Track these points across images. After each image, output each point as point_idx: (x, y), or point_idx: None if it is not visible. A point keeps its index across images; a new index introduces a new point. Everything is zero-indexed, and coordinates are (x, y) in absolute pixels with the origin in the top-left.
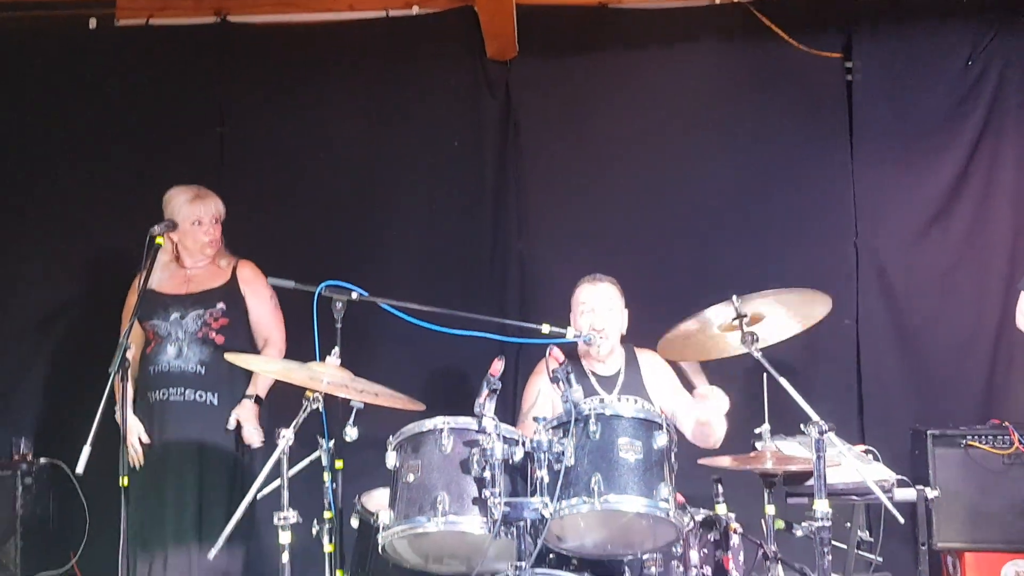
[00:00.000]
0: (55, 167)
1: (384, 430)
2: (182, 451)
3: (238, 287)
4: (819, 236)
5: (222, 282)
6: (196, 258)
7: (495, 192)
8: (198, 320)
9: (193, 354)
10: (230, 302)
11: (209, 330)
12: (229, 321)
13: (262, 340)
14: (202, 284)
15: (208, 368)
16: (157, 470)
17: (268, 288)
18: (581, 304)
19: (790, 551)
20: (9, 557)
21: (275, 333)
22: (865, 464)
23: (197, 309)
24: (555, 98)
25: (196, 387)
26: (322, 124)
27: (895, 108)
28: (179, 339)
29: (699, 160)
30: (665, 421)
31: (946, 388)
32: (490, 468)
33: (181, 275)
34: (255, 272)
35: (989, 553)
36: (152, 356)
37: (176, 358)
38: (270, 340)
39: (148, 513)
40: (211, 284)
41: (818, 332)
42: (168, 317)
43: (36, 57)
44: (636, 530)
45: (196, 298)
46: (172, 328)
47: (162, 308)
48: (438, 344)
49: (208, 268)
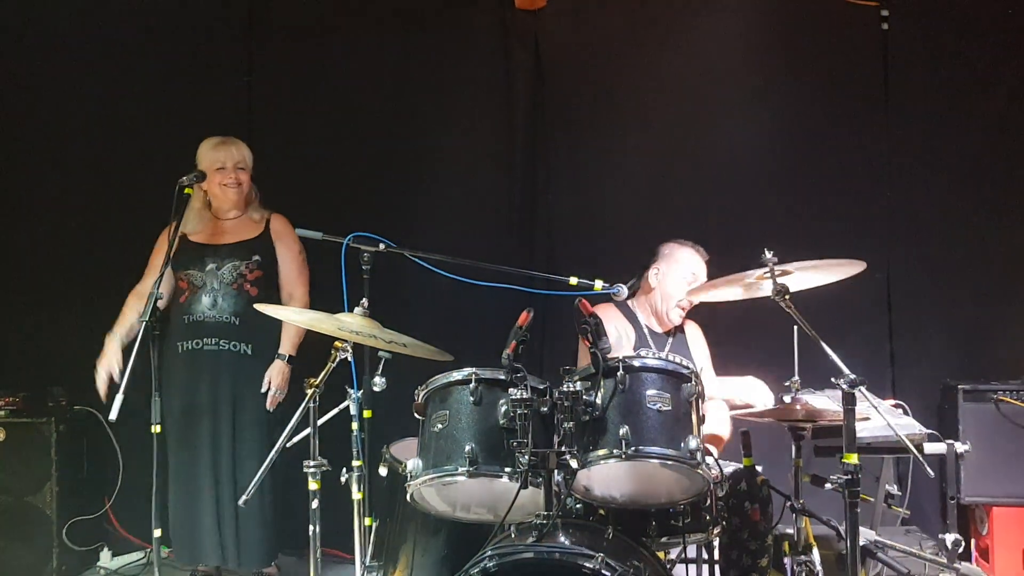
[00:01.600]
0: (84, 119)
1: (412, 380)
2: (217, 400)
3: (271, 240)
4: (852, 187)
5: (256, 234)
6: (225, 207)
7: (524, 144)
8: (234, 271)
9: (228, 305)
10: (264, 254)
11: (244, 281)
12: (263, 273)
13: (287, 295)
14: (237, 235)
15: (242, 319)
16: (192, 418)
17: (298, 243)
18: (690, 272)
19: (818, 504)
20: (45, 502)
21: (299, 289)
22: (895, 418)
23: (233, 260)
24: (584, 48)
25: (231, 338)
26: (349, 75)
27: (931, 58)
28: (214, 289)
29: (731, 110)
30: (694, 373)
31: (979, 343)
32: (518, 418)
33: (216, 225)
34: (286, 226)
35: (1017, 508)
36: (185, 306)
37: (211, 308)
38: (294, 295)
39: (183, 461)
40: (246, 235)
41: (849, 285)
42: (204, 267)
43: (64, 7)
44: (663, 481)
45: (232, 248)
46: (208, 278)
47: (198, 258)
48: (466, 295)
49: (242, 220)
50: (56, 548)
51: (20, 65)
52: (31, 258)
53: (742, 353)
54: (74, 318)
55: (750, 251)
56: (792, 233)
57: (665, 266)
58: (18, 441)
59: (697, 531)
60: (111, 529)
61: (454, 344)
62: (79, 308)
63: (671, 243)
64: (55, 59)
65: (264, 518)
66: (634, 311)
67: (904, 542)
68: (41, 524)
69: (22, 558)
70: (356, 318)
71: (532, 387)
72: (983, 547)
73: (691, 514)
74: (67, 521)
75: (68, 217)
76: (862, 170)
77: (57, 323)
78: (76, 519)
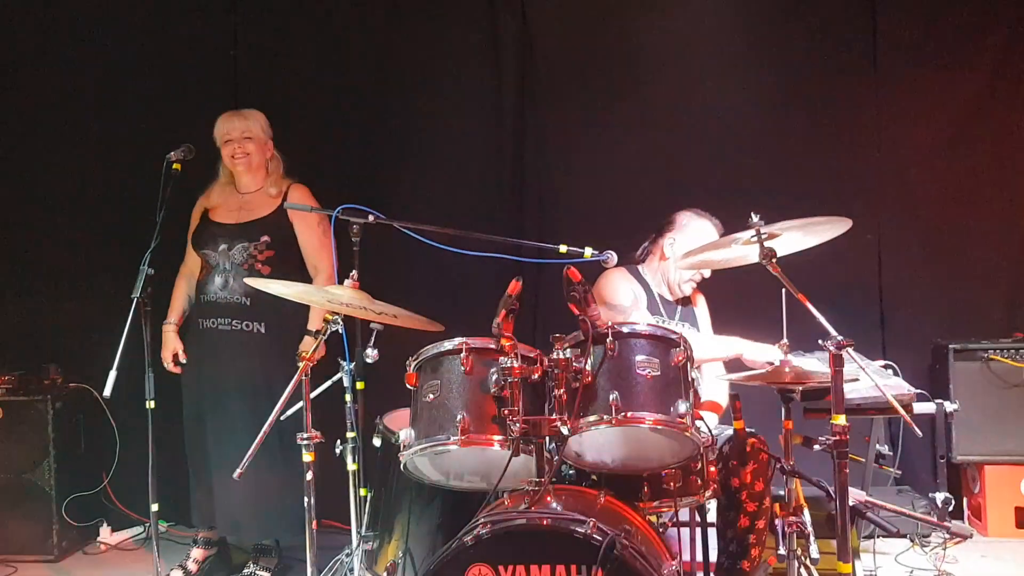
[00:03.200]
0: (73, 95)
1: (404, 351)
2: (231, 378)
3: (286, 214)
4: (842, 149)
5: (270, 211)
6: (244, 180)
7: (513, 113)
8: (243, 252)
9: (239, 285)
10: (276, 231)
11: (255, 262)
12: (275, 252)
13: (311, 268)
14: (252, 212)
15: (253, 299)
16: (207, 396)
17: (317, 215)
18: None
19: (808, 466)
20: (43, 479)
21: (323, 261)
22: (884, 379)
23: (242, 241)
24: (574, 17)
25: (243, 317)
26: (336, 46)
27: (920, 17)
28: (226, 270)
29: (720, 76)
30: (682, 338)
31: (970, 303)
32: (509, 387)
33: (235, 201)
34: (303, 196)
35: (1009, 465)
36: (203, 285)
37: (222, 289)
38: (319, 268)
39: (197, 438)
40: (259, 213)
41: (839, 247)
42: (217, 247)
43: None
44: (654, 446)
45: (242, 229)
46: (220, 259)
47: (212, 238)
48: (456, 265)
49: (259, 195)
50: (55, 524)
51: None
52: (26, 237)
53: (732, 317)
54: (69, 296)
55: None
56: (782, 197)
57: (681, 236)
58: (15, 419)
59: (689, 495)
60: (109, 505)
61: (445, 314)
62: (74, 286)
63: (688, 212)
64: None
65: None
66: (644, 277)
67: (896, 502)
68: (40, 500)
69: (22, 534)
70: (346, 290)
71: (522, 355)
72: (975, 505)
73: (683, 478)
74: (66, 497)
75: (60, 195)
76: (852, 132)
77: (53, 301)
78: (75, 495)
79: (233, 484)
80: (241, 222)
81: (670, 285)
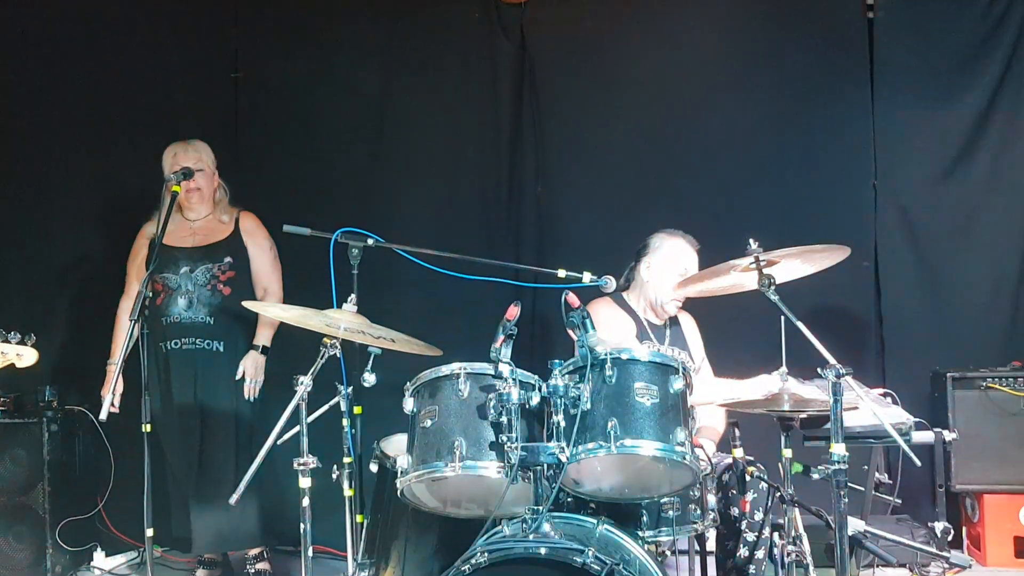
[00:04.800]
0: (71, 118)
1: (402, 376)
2: (191, 397)
3: (241, 238)
4: (838, 176)
5: (226, 235)
6: (194, 211)
7: (511, 136)
8: (207, 273)
9: (203, 306)
10: (235, 254)
11: (217, 282)
12: (236, 273)
13: (261, 290)
14: (208, 237)
15: (216, 318)
16: (171, 417)
17: (268, 239)
18: (684, 269)
19: (807, 494)
20: (38, 502)
21: (274, 284)
22: (883, 407)
23: (206, 263)
24: (570, 40)
25: (204, 336)
26: (337, 68)
27: (916, 46)
28: (189, 291)
29: (717, 101)
30: (681, 365)
31: (968, 331)
32: (506, 413)
33: (186, 227)
34: (256, 224)
35: (1008, 495)
36: (163, 308)
37: (187, 309)
38: (269, 290)
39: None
40: (217, 237)
41: (837, 274)
42: (179, 270)
43: (49, 7)
44: (652, 474)
45: (204, 251)
46: (182, 281)
47: (172, 262)
48: (454, 289)
49: (210, 221)
50: (49, 548)
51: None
52: (20, 257)
53: (731, 343)
54: (64, 317)
55: (737, 241)
56: (779, 223)
57: (656, 258)
58: (10, 441)
59: (688, 523)
60: (104, 529)
61: (443, 339)
62: (69, 309)
63: (661, 234)
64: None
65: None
66: (630, 304)
67: (895, 531)
68: (34, 524)
69: (15, 558)
70: (345, 314)
71: (521, 381)
72: (974, 535)
73: (681, 506)
74: (60, 521)
75: (57, 217)
76: (848, 158)
77: (47, 324)
78: (69, 519)
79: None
80: (200, 245)
81: (655, 308)
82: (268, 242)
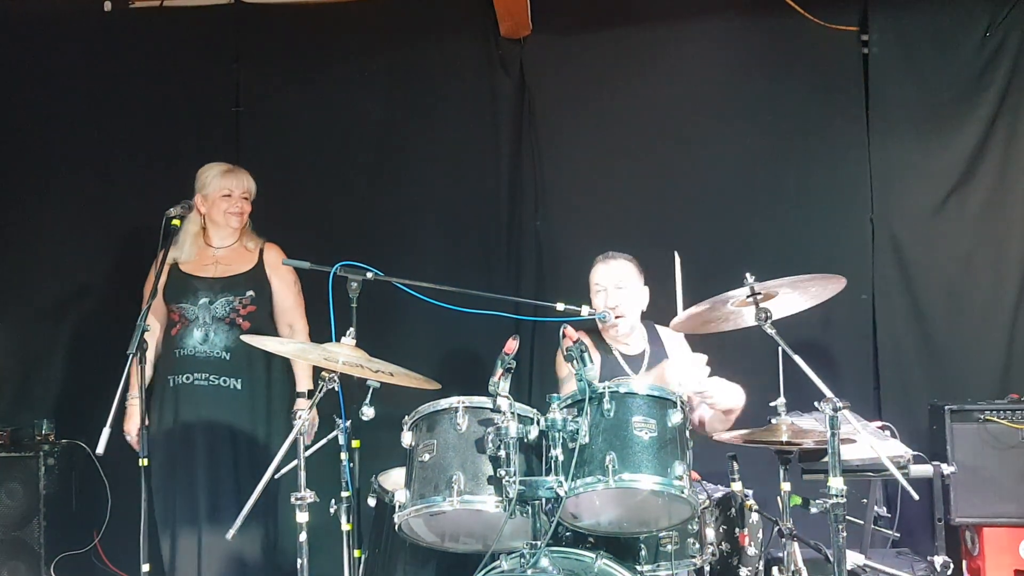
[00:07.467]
0: (72, 151)
1: (400, 409)
2: (206, 435)
3: (264, 271)
4: (835, 211)
5: (250, 266)
6: (223, 234)
7: (511, 171)
8: (227, 306)
9: (219, 340)
10: (257, 287)
11: (237, 316)
12: (256, 308)
13: (286, 327)
14: (231, 267)
15: (233, 354)
16: (181, 453)
17: (293, 273)
18: (596, 284)
19: (806, 527)
20: (33, 537)
21: (299, 321)
22: (881, 440)
23: (227, 295)
24: (569, 76)
25: (221, 373)
26: (337, 104)
27: (912, 82)
28: (206, 323)
29: (714, 136)
30: (679, 399)
31: (964, 363)
32: (505, 447)
33: (209, 255)
34: (280, 255)
35: (1008, 528)
36: (177, 339)
37: (202, 343)
38: (295, 327)
39: (170, 496)
40: (240, 268)
41: (834, 307)
42: (197, 301)
43: (52, 41)
44: (651, 508)
45: (226, 283)
46: (200, 312)
47: (191, 291)
48: (453, 323)
49: (236, 249)
50: None
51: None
52: (19, 290)
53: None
54: (61, 351)
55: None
56: (777, 257)
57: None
58: (6, 475)
59: (687, 557)
60: (100, 564)
61: (442, 372)
62: (65, 342)
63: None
64: (43, 87)
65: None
66: (605, 339)
67: (895, 564)
68: (29, 559)
69: None
70: (344, 347)
71: (519, 415)
72: (974, 568)
73: (680, 540)
74: (55, 556)
75: (56, 252)
76: (845, 193)
77: (46, 356)
78: (64, 554)
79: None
80: (222, 276)
81: (618, 338)
82: (292, 276)
